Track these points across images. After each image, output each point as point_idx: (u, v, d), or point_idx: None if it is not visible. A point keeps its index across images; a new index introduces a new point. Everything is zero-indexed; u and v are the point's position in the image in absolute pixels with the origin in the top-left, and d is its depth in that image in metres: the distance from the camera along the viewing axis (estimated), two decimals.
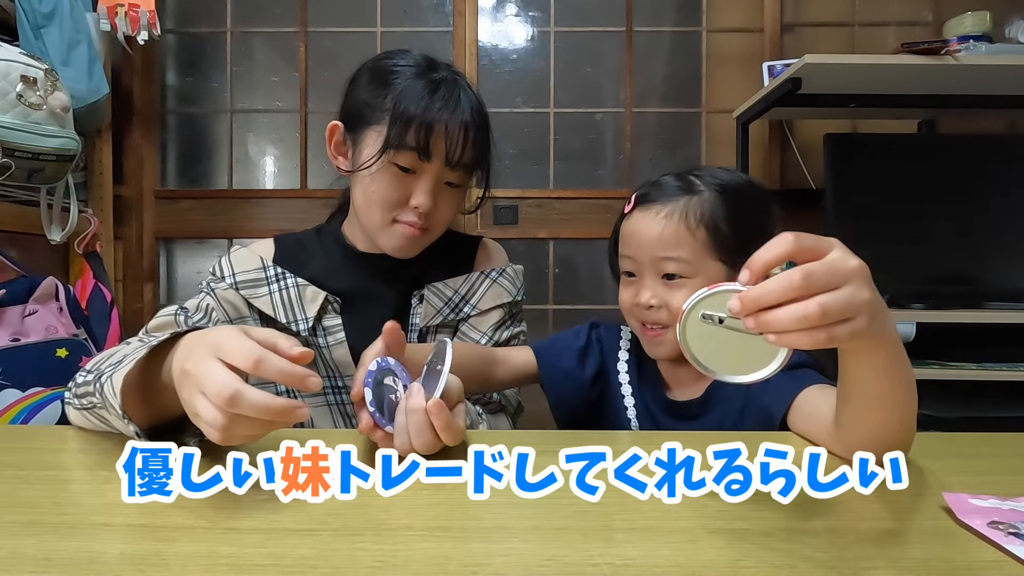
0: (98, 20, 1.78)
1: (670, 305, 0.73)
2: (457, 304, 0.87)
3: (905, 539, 0.40)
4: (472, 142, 0.80)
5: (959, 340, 1.65)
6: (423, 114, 0.76)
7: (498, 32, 2.23)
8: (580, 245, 2.19)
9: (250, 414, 0.45)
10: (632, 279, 0.77)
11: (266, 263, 0.86)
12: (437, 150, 0.77)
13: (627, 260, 0.76)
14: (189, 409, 0.48)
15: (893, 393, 0.50)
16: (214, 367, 0.46)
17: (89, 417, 0.61)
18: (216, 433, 0.47)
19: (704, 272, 0.73)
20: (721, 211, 0.73)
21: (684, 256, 0.72)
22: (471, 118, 0.79)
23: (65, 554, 0.37)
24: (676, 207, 0.73)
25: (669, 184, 0.76)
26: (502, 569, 0.36)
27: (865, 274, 0.42)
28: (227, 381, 0.45)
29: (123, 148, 2.15)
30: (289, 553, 0.37)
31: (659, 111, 2.23)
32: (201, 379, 0.46)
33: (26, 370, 1.34)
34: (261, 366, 0.46)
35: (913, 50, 1.66)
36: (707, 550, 0.38)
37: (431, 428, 0.53)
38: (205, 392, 0.46)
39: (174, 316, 0.77)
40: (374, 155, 0.77)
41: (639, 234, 0.75)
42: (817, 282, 0.40)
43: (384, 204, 0.79)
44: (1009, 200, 1.77)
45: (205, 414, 0.46)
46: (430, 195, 0.79)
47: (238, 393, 0.45)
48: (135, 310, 2.17)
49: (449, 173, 0.80)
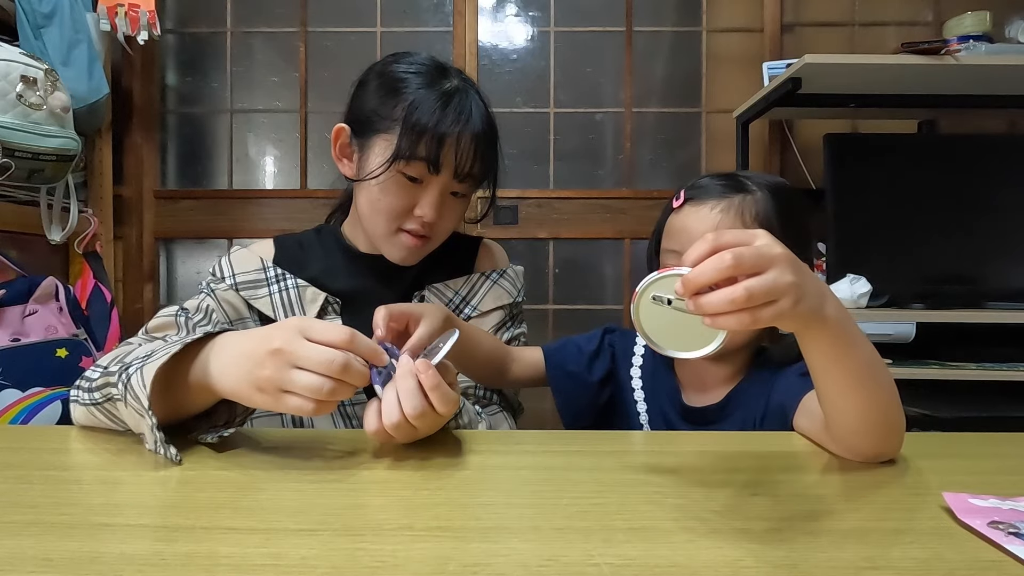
0: (98, 20, 1.78)
1: None
2: (458, 305, 0.87)
3: (905, 539, 0.40)
4: (482, 155, 0.79)
5: (959, 340, 1.65)
6: (435, 126, 0.75)
7: (498, 32, 2.23)
8: (580, 245, 2.19)
9: (355, 381, 0.52)
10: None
11: (266, 264, 0.85)
12: (447, 163, 0.77)
13: (674, 255, 0.74)
14: (276, 385, 0.51)
15: (850, 379, 0.51)
16: (310, 344, 0.51)
17: (97, 413, 0.61)
18: (311, 403, 0.51)
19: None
20: (773, 210, 0.73)
21: None
22: (481, 131, 0.79)
23: (65, 554, 0.37)
24: (732, 203, 0.73)
25: (720, 183, 0.75)
26: (502, 569, 0.36)
27: (790, 259, 0.45)
28: (337, 353, 0.51)
29: (123, 148, 2.15)
30: (289, 553, 0.37)
31: (659, 111, 2.23)
32: (301, 354, 0.51)
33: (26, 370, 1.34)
34: (355, 341, 0.53)
35: (913, 50, 1.66)
36: (707, 550, 0.38)
37: (420, 391, 0.54)
38: (307, 366, 0.51)
39: (174, 317, 0.76)
40: (382, 164, 0.77)
41: (691, 229, 0.73)
42: (745, 263, 0.43)
43: (389, 213, 0.79)
44: (1009, 200, 1.77)
45: (307, 385, 0.50)
46: (435, 207, 0.78)
47: (349, 361, 0.51)
48: (135, 310, 2.17)
49: (456, 184, 0.80)
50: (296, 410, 0.52)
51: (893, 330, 1.55)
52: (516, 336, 0.90)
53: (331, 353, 0.51)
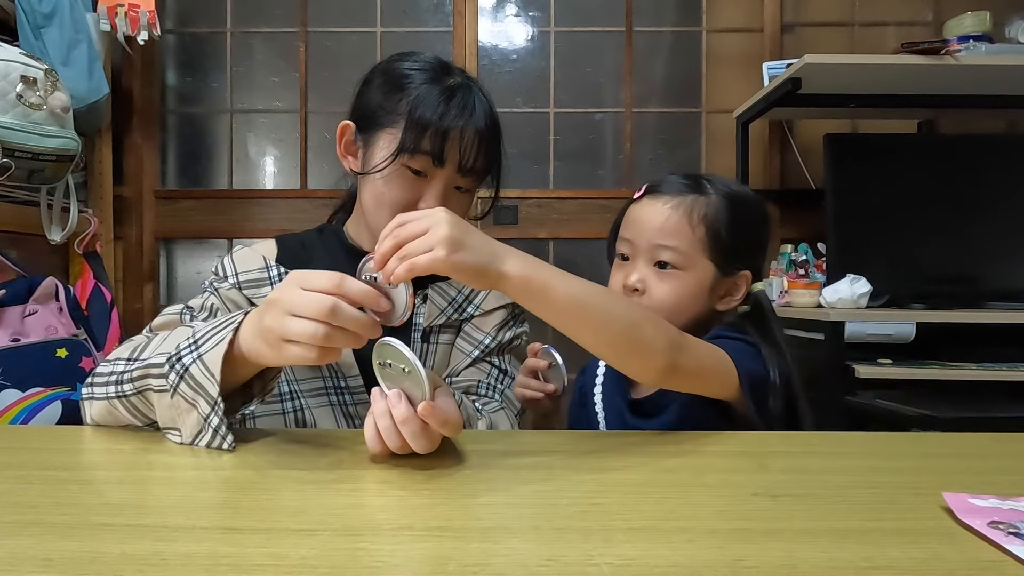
0: (98, 20, 1.78)
1: (652, 292, 0.76)
2: (461, 304, 0.87)
3: (905, 539, 0.40)
4: (486, 150, 0.81)
5: (959, 340, 1.65)
6: (439, 120, 0.76)
7: (498, 32, 2.23)
8: (580, 245, 2.19)
9: (348, 325, 0.52)
10: (625, 263, 0.80)
11: (269, 263, 0.86)
12: (451, 156, 0.78)
13: (625, 243, 0.80)
14: (276, 334, 0.53)
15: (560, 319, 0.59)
16: (303, 291, 0.52)
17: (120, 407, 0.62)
18: (313, 350, 0.52)
19: (695, 268, 0.76)
20: (724, 216, 0.77)
21: (679, 247, 0.76)
22: (485, 126, 0.80)
23: (65, 554, 0.37)
24: (683, 201, 0.77)
25: (680, 181, 0.80)
26: (502, 569, 0.36)
27: (451, 220, 0.54)
28: (325, 297, 0.51)
29: (123, 148, 2.15)
30: (289, 553, 0.37)
31: (659, 111, 2.23)
32: (294, 301, 0.52)
33: (26, 370, 1.34)
34: (344, 285, 0.53)
35: (913, 50, 1.67)
36: (707, 550, 0.38)
37: (426, 430, 0.53)
38: (299, 312, 0.52)
39: (179, 315, 0.77)
40: (387, 157, 0.77)
41: (642, 220, 0.78)
42: (408, 221, 0.55)
43: (394, 207, 0.79)
44: (1009, 200, 1.77)
45: (302, 331, 0.51)
46: (440, 201, 0.79)
47: (337, 304, 0.51)
48: (135, 310, 2.17)
49: (460, 179, 0.81)
50: (300, 359, 0.53)
51: (893, 330, 1.55)
52: (518, 335, 0.91)
53: (319, 298, 0.51)
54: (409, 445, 0.53)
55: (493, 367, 0.86)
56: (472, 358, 0.85)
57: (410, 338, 0.84)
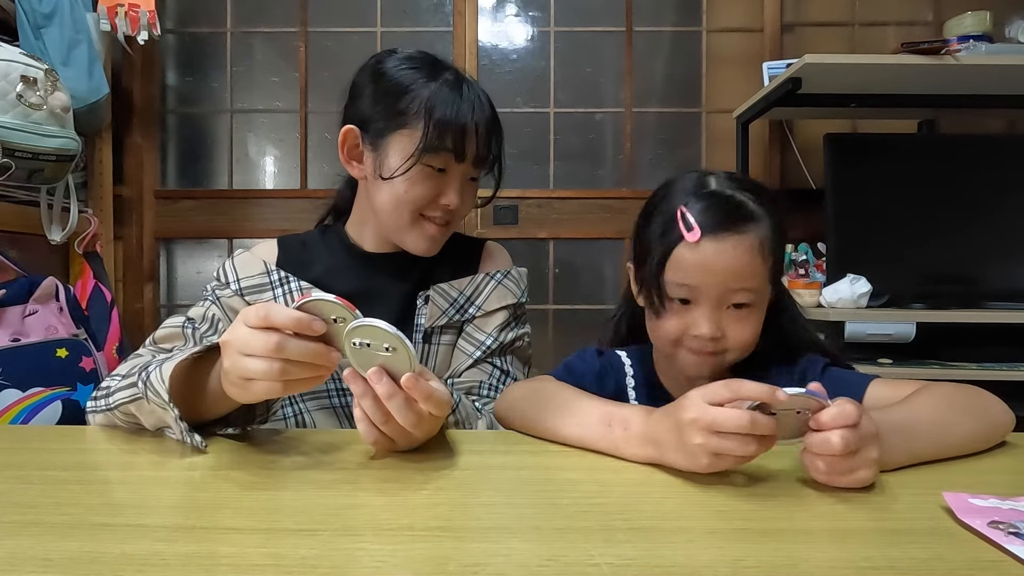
0: (98, 20, 1.78)
1: (732, 336, 0.69)
2: (463, 305, 0.87)
3: (905, 539, 0.40)
4: (495, 139, 0.83)
5: (959, 340, 1.65)
6: (456, 116, 0.78)
7: (498, 32, 2.23)
8: (580, 245, 2.19)
9: (297, 357, 0.51)
10: (684, 307, 0.70)
11: (269, 267, 0.86)
12: (469, 150, 0.80)
13: (683, 288, 0.69)
14: (237, 375, 0.53)
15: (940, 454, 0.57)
16: (249, 329, 0.52)
17: (115, 417, 0.65)
18: (276, 384, 0.52)
19: (765, 298, 0.71)
20: (778, 238, 0.71)
21: (755, 287, 0.69)
22: (491, 115, 0.83)
23: (65, 554, 0.37)
24: (747, 237, 0.68)
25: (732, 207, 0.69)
26: (502, 569, 0.36)
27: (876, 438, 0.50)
28: (269, 334, 0.51)
29: (123, 148, 2.15)
30: (289, 553, 0.37)
31: (659, 111, 2.23)
32: (244, 341, 0.52)
33: (26, 370, 1.33)
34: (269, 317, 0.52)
35: (913, 50, 1.66)
36: (707, 550, 0.38)
37: (412, 404, 0.53)
38: (250, 351, 0.51)
39: (181, 328, 0.78)
40: (407, 159, 0.78)
41: (709, 266, 0.67)
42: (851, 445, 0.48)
43: (416, 204, 0.81)
44: (1009, 200, 1.77)
45: (257, 370, 0.51)
46: (460, 193, 0.82)
47: (282, 340, 0.51)
48: (135, 310, 2.17)
49: (473, 170, 0.83)
50: (267, 394, 0.53)
51: (893, 330, 1.55)
52: (520, 336, 0.90)
53: (265, 335, 0.51)
54: (398, 422, 0.53)
55: (495, 368, 0.86)
56: (473, 359, 0.85)
57: (412, 339, 0.84)
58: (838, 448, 0.47)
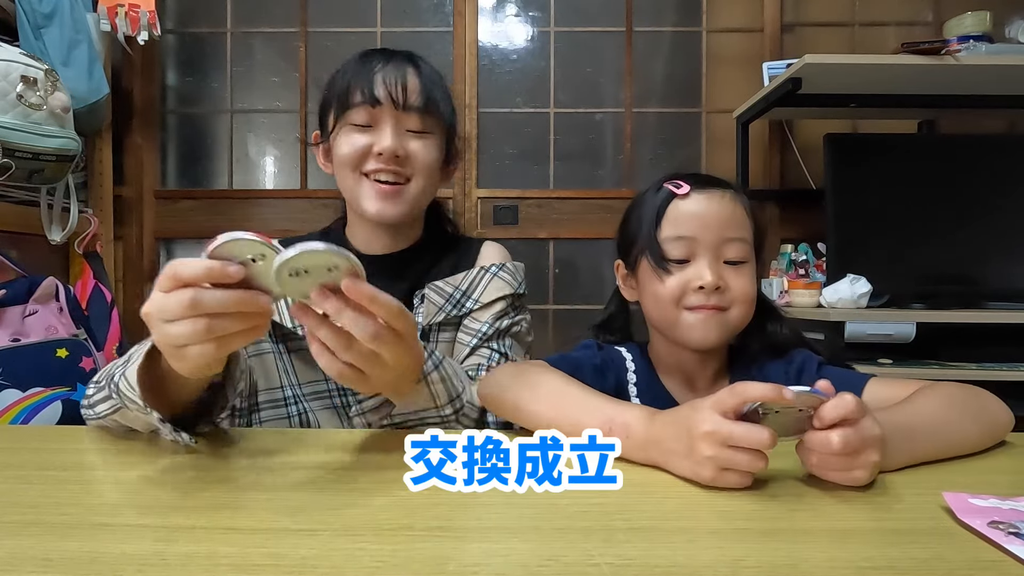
0: (98, 20, 1.78)
1: (734, 287, 0.70)
2: (459, 300, 0.87)
3: (905, 539, 0.40)
4: (421, 86, 0.83)
5: (959, 340, 1.65)
6: (364, 69, 0.82)
7: (498, 32, 2.23)
8: (580, 245, 2.19)
9: (216, 309, 0.47)
10: (682, 265, 0.71)
11: None
12: (383, 94, 0.81)
13: (682, 242, 0.71)
14: (168, 344, 0.50)
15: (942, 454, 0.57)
16: (163, 294, 0.48)
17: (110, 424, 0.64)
18: (208, 346, 0.48)
19: (752, 263, 0.73)
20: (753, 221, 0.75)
21: (747, 238, 0.72)
22: (411, 64, 0.84)
23: (65, 554, 0.37)
24: (732, 194, 0.73)
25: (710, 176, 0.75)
26: (502, 569, 0.36)
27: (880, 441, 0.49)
28: (182, 291, 0.47)
29: (123, 148, 2.15)
30: (289, 553, 0.37)
31: (659, 111, 2.23)
32: (160, 307, 0.48)
33: (26, 370, 1.33)
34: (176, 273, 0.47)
35: (913, 50, 1.66)
36: (707, 550, 0.38)
37: (364, 313, 0.50)
38: (170, 316, 0.48)
39: None
40: (333, 128, 0.84)
41: (704, 214, 0.71)
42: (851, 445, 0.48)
43: (351, 162, 0.83)
44: (1009, 200, 1.77)
45: (181, 332, 0.48)
46: (391, 137, 0.81)
47: (196, 294, 0.47)
48: (135, 310, 2.14)
49: (406, 118, 0.83)
50: (203, 357, 0.49)
51: (893, 330, 1.55)
52: (517, 322, 0.88)
53: (177, 295, 0.47)
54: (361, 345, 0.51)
55: (493, 351, 0.85)
56: (471, 347, 0.84)
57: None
58: (837, 448, 0.47)
